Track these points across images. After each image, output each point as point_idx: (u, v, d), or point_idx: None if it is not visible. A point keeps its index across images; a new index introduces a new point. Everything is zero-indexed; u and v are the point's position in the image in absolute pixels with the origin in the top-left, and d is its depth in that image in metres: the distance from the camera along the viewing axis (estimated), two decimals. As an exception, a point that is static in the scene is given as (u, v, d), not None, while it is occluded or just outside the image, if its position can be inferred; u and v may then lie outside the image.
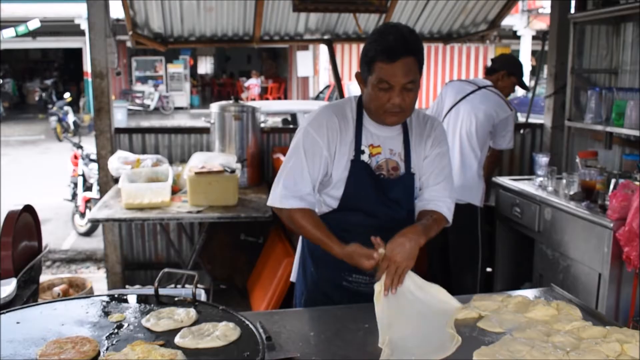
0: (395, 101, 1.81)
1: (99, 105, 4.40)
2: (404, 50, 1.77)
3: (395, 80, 1.79)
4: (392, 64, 1.77)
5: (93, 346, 1.39)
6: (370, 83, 1.84)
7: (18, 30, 15.37)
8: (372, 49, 1.80)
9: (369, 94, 1.87)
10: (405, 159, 1.98)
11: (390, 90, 1.80)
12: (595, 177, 3.29)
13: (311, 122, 1.96)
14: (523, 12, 18.06)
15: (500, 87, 3.74)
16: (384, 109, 1.84)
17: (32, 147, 14.28)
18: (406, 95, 1.82)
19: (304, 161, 1.92)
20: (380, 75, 1.79)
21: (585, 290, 3.14)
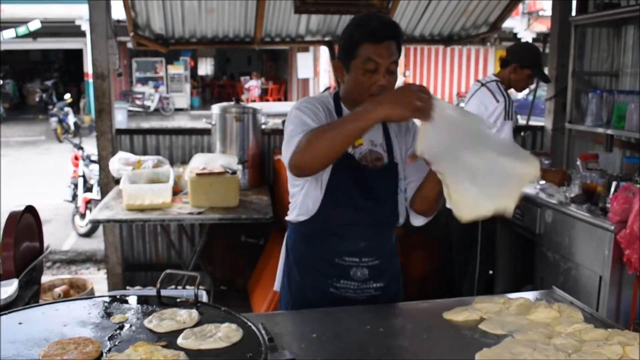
0: (382, 82, 1.83)
1: (100, 107, 4.40)
2: (388, 33, 1.85)
3: (382, 60, 1.82)
4: (378, 44, 1.82)
5: (95, 347, 1.39)
6: (354, 67, 1.85)
7: (18, 31, 15.38)
8: (357, 32, 1.85)
9: (352, 79, 1.88)
10: (388, 149, 1.98)
11: (375, 73, 1.83)
12: (596, 180, 3.29)
13: (301, 103, 1.94)
14: (523, 15, 18.08)
15: (514, 81, 3.48)
16: (369, 91, 1.84)
17: (32, 148, 14.28)
18: (390, 77, 1.85)
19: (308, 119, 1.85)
20: (367, 55, 1.82)
21: (586, 292, 3.14)
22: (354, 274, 1.96)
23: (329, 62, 15.40)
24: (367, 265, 1.97)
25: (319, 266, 1.91)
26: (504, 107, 3.33)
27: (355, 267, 1.96)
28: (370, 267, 1.97)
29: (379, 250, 1.99)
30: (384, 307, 1.89)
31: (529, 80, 3.51)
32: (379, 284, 2.00)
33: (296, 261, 2.04)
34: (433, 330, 1.69)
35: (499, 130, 3.33)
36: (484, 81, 3.53)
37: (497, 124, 3.34)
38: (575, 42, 4.22)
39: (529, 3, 17.99)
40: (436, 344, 1.61)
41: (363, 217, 1.94)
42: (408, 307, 1.88)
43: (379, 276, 2.00)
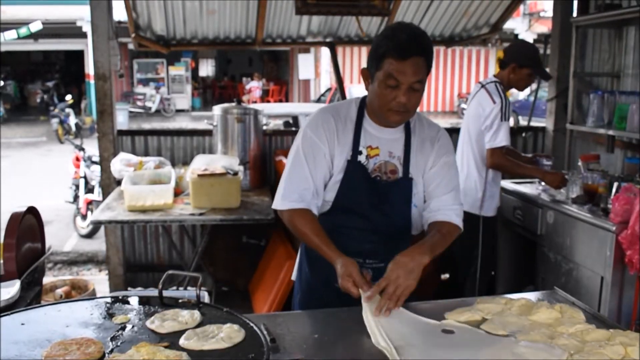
0: (401, 100, 1.80)
1: (101, 108, 4.41)
2: (415, 49, 1.78)
3: (404, 78, 1.78)
4: (402, 61, 1.77)
5: (98, 348, 1.39)
6: (377, 79, 1.83)
7: (20, 32, 15.40)
8: (384, 44, 1.79)
9: (374, 90, 1.86)
10: (404, 163, 1.96)
11: (396, 89, 1.80)
12: (597, 181, 3.29)
13: (309, 124, 1.98)
14: (524, 16, 18.08)
15: (514, 81, 3.42)
16: (389, 107, 1.83)
17: (33, 149, 14.30)
18: (412, 95, 1.81)
19: (304, 163, 1.92)
20: (389, 71, 1.78)
21: (587, 293, 3.14)
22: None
23: (330, 63, 15.41)
24: (371, 266, 1.97)
25: (325, 260, 1.91)
26: (500, 108, 3.30)
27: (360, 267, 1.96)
28: (374, 269, 1.97)
29: (385, 254, 1.97)
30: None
31: (529, 79, 3.46)
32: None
33: (306, 253, 2.10)
34: (435, 331, 1.69)
35: (496, 132, 3.30)
36: (484, 82, 3.49)
37: (494, 126, 3.30)
38: (576, 43, 4.22)
39: (530, 4, 18.00)
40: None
41: (369, 224, 1.97)
42: (409, 308, 1.88)
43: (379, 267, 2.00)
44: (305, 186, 1.92)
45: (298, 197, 1.91)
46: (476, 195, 3.41)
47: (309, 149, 1.93)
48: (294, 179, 1.94)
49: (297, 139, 1.99)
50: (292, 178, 1.94)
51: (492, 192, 3.45)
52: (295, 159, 1.95)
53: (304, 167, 1.92)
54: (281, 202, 1.94)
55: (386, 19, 4.83)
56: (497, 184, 3.50)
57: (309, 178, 1.92)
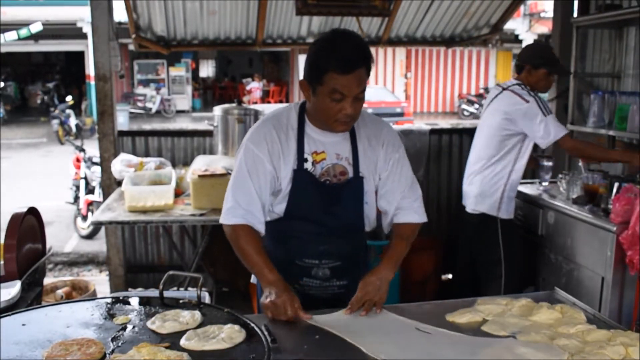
0: (348, 111, 1.78)
1: (102, 108, 4.40)
2: (358, 61, 1.75)
3: (350, 91, 1.75)
4: (347, 75, 1.73)
5: (99, 348, 1.40)
6: (321, 93, 1.79)
7: (20, 33, 15.42)
8: (325, 59, 1.74)
9: (317, 102, 1.82)
10: (354, 163, 1.95)
11: (342, 101, 1.77)
12: (598, 181, 3.29)
13: (250, 137, 1.94)
14: (525, 16, 18.09)
15: (533, 83, 3.35)
16: (335, 118, 1.81)
17: (34, 150, 14.31)
18: (357, 104, 1.80)
19: (248, 178, 1.89)
20: (333, 86, 1.75)
21: (588, 293, 3.13)
22: (315, 274, 2.00)
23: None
24: (327, 266, 2.00)
25: (281, 264, 1.93)
26: (537, 104, 3.22)
27: (316, 268, 2.00)
28: (331, 267, 2.00)
29: (339, 253, 2.01)
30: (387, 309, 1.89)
31: (547, 79, 3.40)
32: (342, 282, 2.02)
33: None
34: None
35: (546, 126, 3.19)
36: (504, 85, 3.42)
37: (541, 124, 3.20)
38: (577, 44, 4.21)
39: (531, 5, 18.00)
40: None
41: (323, 228, 1.96)
42: (411, 309, 1.88)
43: (343, 275, 2.02)
44: (249, 202, 1.89)
45: (243, 213, 1.88)
46: (495, 196, 3.35)
47: (252, 164, 1.90)
48: (238, 194, 1.90)
49: (239, 152, 1.96)
50: (237, 193, 1.91)
51: (511, 195, 3.38)
52: (239, 174, 1.92)
53: (249, 183, 1.89)
54: (225, 216, 1.91)
55: (386, 20, 4.84)
56: (516, 187, 3.42)
57: (254, 194, 1.89)
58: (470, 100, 20.01)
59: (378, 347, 1.54)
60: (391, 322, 1.74)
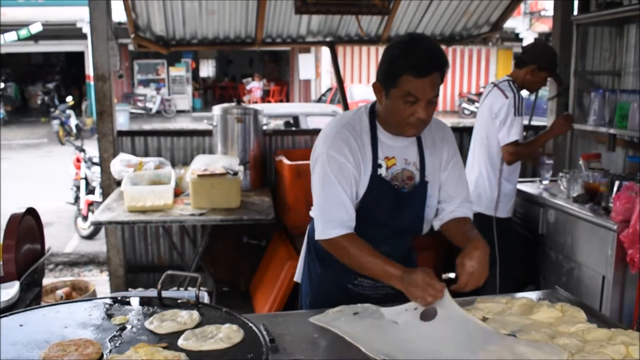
0: (421, 115, 1.78)
1: (101, 109, 4.40)
2: (433, 66, 1.74)
3: (424, 94, 1.75)
4: (422, 79, 1.73)
5: (96, 349, 1.39)
6: (394, 96, 1.79)
7: (20, 34, 15.41)
8: (401, 62, 1.74)
9: (390, 105, 1.82)
10: (420, 168, 1.96)
11: (415, 104, 1.77)
12: (598, 179, 3.28)
13: (330, 145, 1.89)
14: (525, 15, 18.08)
15: (529, 82, 3.39)
16: (407, 121, 1.81)
17: (34, 151, 14.31)
18: (430, 108, 1.80)
19: (337, 185, 1.86)
20: (407, 89, 1.75)
21: (589, 292, 3.13)
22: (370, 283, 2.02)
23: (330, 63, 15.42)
24: None
25: (337, 263, 1.93)
26: (513, 103, 3.23)
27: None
28: None
29: (396, 254, 2.00)
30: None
31: (543, 82, 3.45)
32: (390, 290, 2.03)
33: (318, 255, 2.08)
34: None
35: (509, 127, 3.23)
36: (496, 82, 3.44)
37: (507, 121, 3.23)
38: (577, 42, 4.20)
39: (531, 3, 18.00)
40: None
41: (386, 231, 1.99)
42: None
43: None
44: (344, 210, 1.87)
45: (341, 222, 1.86)
46: (491, 196, 3.35)
47: (338, 171, 1.87)
48: (332, 205, 1.87)
49: (319, 162, 1.91)
50: (330, 205, 1.88)
51: (507, 193, 3.38)
52: (327, 183, 1.88)
53: (339, 190, 1.86)
54: (324, 231, 1.87)
55: (386, 18, 4.83)
56: (512, 184, 3.41)
57: (347, 201, 1.87)
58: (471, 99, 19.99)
59: (378, 346, 1.54)
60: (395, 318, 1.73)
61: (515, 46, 20.24)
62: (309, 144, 4.78)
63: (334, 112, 9.33)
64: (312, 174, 1.96)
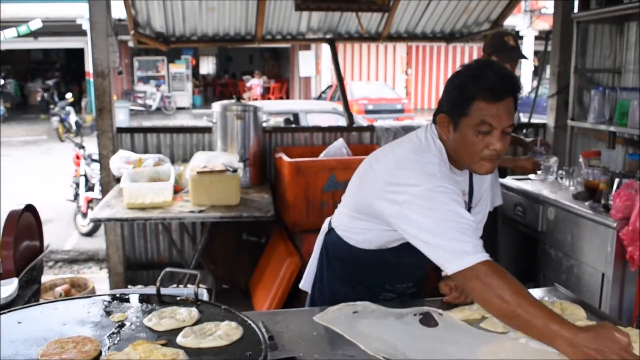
0: (496, 147, 1.62)
1: (100, 105, 4.40)
2: (508, 89, 1.61)
3: (499, 122, 1.60)
4: (496, 104, 1.59)
5: (94, 346, 1.39)
6: (465, 126, 1.63)
7: (20, 30, 15.40)
8: (472, 85, 1.60)
9: (460, 138, 1.66)
10: (469, 196, 1.88)
11: (489, 134, 1.62)
12: (598, 177, 3.28)
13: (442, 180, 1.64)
14: (525, 12, 18.07)
15: None
16: (481, 155, 1.65)
17: (34, 148, 14.30)
18: (505, 139, 1.64)
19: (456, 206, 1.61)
20: (481, 117, 1.60)
21: (588, 290, 3.13)
22: (397, 290, 2.03)
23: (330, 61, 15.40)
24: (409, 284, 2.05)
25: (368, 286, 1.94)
26: None
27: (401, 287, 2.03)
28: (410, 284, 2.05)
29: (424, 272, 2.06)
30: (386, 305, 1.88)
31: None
32: (413, 290, 2.07)
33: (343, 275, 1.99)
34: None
35: None
36: None
37: None
38: (577, 39, 4.20)
39: (531, 1, 17.98)
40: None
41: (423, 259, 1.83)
42: (411, 305, 1.87)
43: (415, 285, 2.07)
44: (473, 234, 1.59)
45: (474, 245, 1.56)
46: None
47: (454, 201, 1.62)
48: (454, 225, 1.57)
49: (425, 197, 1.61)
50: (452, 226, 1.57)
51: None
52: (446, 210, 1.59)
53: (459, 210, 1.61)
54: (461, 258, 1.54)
55: (386, 15, 4.82)
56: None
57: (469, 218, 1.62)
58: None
59: (378, 345, 1.53)
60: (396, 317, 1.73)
61: (515, 44, 20.19)
62: (309, 141, 4.77)
63: (334, 110, 9.33)
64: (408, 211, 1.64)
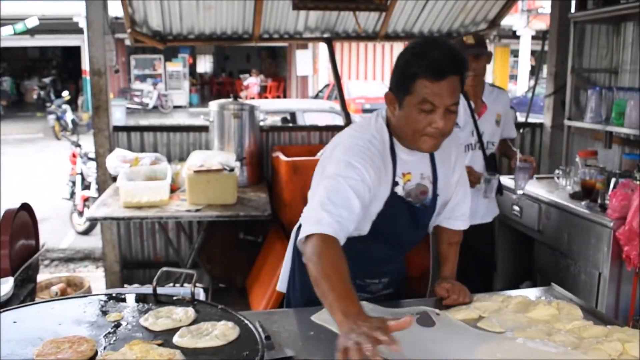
0: (439, 125, 1.63)
1: (97, 103, 4.38)
2: (451, 68, 1.61)
3: (441, 101, 1.61)
4: (438, 82, 1.59)
5: (90, 346, 1.38)
6: (408, 104, 1.65)
7: (16, 28, 15.34)
8: (415, 64, 1.61)
9: (404, 116, 1.67)
10: (433, 181, 1.86)
11: (432, 113, 1.62)
12: (595, 177, 3.28)
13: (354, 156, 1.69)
14: (522, 12, 18.10)
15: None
16: (423, 132, 1.66)
17: (30, 146, 14.25)
18: (449, 117, 1.65)
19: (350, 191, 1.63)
20: (423, 95, 1.61)
21: (585, 289, 3.13)
22: (370, 289, 2.00)
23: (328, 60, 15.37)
24: (383, 282, 2.01)
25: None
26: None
27: (373, 285, 2.00)
28: (385, 282, 2.01)
29: (398, 269, 2.04)
30: (383, 305, 1.88)
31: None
32: (388, 291, 2.04)
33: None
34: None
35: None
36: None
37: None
38: (574, 39, 4.20)
39: (528, 1, 18.01)
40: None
41: (396, 249, 1.93)
42: (408, 305, 1.87)
43: (390, 286, 2.04)
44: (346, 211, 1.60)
45: (333, 222, 1.57)
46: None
47: (353, 180, 1.65)
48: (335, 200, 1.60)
49: (332, 164, 1.71)
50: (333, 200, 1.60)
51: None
52: (336, 182, 1.64)
53: (349, 194, 1.63)
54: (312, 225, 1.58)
55: (384, 15, 4.81)
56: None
57: (354, 207, 1.63)
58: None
59: None
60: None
61: (512, 43, 20.26)
62: (306, 140, 4.77)
63: (331, 109, 9.33)
64: (316, 176, 1.80)
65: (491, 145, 3.16)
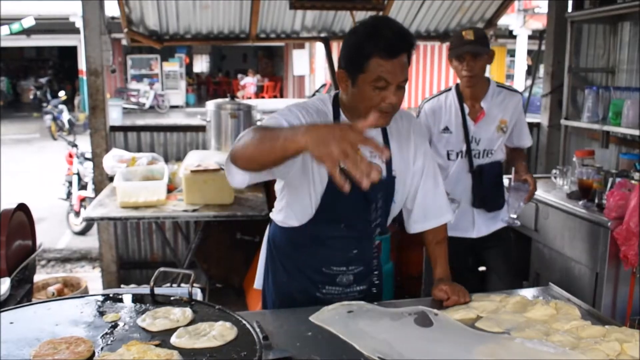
0: (392, 100, 1.69)
1: (93, 103, 4.37)
2: (403, 46, 1.68)
3: (394, 77, 1.67)
4: (391, 60, 1.65)
5: (88, 346, 1.37)
6: (362, 82, 1.69)
7: (12, 28, 15.28)
8: (367, 44, 1.66)
9: (357, 93, 1.72)
10: (387, 161, 1.85)
11: (385, 89, 1.68)
12: (592, 176, 3.28)
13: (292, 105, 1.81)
14: (519, 12, 18.11)
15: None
16: (378, 108, 1.70)
17: (26, 146, 14.22)
18: (399, 93, 1.71)
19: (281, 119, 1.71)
20: (377, 73, 1.66)
21: (582, 289, 3.14)
22: (340, 281, 1.96)
23: (324, 59, 15.37)
24: (352, 272, 1.96)
25: (306, 272, 1.90)
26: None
27: (342, 275, 1.95)
28: (355, 273, 1.96)
29: (365, 257, 1.97)
30: (382, 305, 1.88)
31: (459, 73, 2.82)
32: (361, 287, 1.99)
33: (283, 263, 2.00)
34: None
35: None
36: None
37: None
38: (571, 39, 4.21)
39: (525, 1, 18.03)
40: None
41: (353, 232, 1.90)
42: (405, 305, 1.87)
43: (362, 280, 1.99)
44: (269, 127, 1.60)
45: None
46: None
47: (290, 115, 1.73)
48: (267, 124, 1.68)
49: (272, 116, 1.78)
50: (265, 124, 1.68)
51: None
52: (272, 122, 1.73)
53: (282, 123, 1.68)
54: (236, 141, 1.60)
55: (381, 14, 4.81)
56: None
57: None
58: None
59: (373, 344, 1.53)
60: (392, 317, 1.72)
61: (509, 43, 20.28)
62: (303, 140, 4.76)
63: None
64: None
65: (490, 154, 2.82)
